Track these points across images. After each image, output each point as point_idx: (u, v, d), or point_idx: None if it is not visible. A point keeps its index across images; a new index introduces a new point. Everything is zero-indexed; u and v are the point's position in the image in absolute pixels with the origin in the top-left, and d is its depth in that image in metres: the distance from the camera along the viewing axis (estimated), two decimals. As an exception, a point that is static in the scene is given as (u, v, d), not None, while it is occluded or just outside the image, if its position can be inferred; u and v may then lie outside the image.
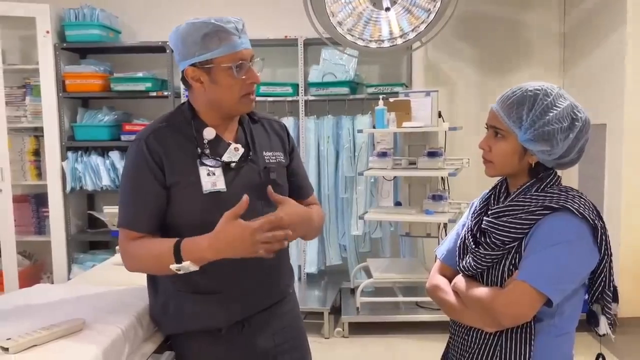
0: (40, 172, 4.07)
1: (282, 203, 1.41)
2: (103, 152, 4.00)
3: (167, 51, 3.81)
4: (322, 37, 2.74)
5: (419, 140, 3.63)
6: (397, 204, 3.70)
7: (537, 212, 1.25)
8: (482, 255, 1.31)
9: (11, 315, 1.37)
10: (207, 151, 1.43)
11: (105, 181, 3.91)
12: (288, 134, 1.63)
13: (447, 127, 3.37)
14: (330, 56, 3.84)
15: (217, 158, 1.43)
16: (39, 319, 1.31)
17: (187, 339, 1.47)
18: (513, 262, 1.28)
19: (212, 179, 1.40)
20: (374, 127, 3.51)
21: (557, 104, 1.26)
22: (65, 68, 3.88)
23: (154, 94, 3.87)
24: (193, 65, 1.39)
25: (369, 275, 3.59)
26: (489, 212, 1.35)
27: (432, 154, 3.37)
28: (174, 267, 1.30)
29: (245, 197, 1.30)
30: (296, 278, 3.93)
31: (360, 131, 3.57)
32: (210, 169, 1.41)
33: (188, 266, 1.30)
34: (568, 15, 3.88)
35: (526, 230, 1.26)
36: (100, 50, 4.07)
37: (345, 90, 3.82)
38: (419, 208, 3.47)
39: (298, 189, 1.60)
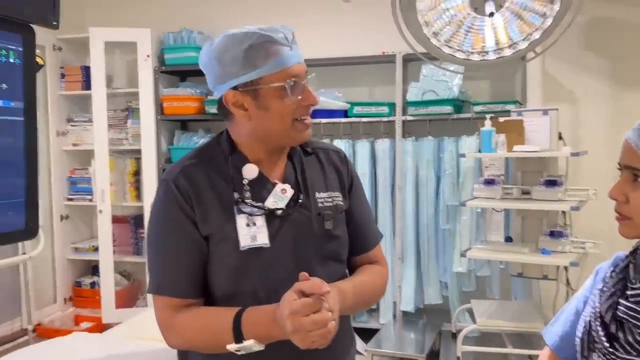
0: (139, 194, 4.12)
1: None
2: (198, 174, 3.96)
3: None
4: (415, 51, 2.41)
5: (534, 166, 3.13)
6: (508, 239, 3.22)
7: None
8: None
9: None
10: (248, 194, 1.14)
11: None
12: (348, 166, 1.31)
13: (569, 152, 2.86)
14: (432, 72, 3.49)
15: (260, 204, 1.14)
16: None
17: None
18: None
19: (251, 231, 1.11)
20: (479, 151, 3.09)
21: None
22: (163, 91, 3.91)
23: (247, 115, 3.76)
24: (234, 88, 1.11)
25: (474, 319, 3.14)
26: (627, 293, 0.93)
27: (551, 183, 2.87)
28: (231, 347, 1.02)
29: (304, 276, 1.02)
30: (390, 316, 3.61)
31: (462, 155, 3.16)
32: (251, 217, 1.12)
33: (251, 346, 1.02)
34: None
35: None
36: (198, 73, 4.04)
37: (448, 109, 3.44)
38: (534, 246, 2.97)
39: (359, 239, 1.27)
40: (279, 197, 1.16)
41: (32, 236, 1.99)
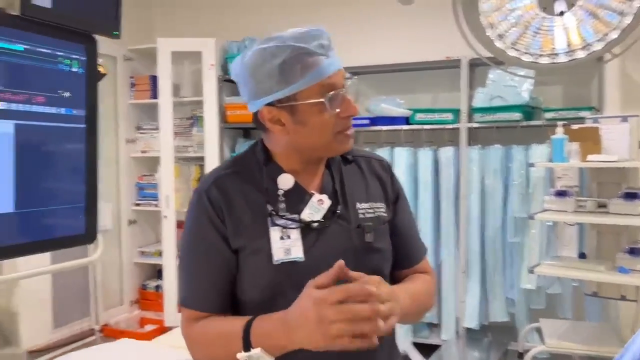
0: (202, 200, 4.19)
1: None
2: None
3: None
4: (479, 55, 2.29)
5: (612, 177, 2.89)
6: (582, 255, 2.99)
7: None
8: None
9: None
10: (282, 206, 1.08)
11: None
12: (392, 176, 1.22)
13: (652, 162, 2.63)
14: (500, 77, 3.32)
15: (294, 216, 1.08)
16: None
17: None
18: None
19: (285, 244, 1.05)
20: (550, 161, 2.90)
21: None
22: (227, 99, 3.97)
23: (307, 123, 3.74)
24: (270, 104, 1.06)
25: (543, 339, 2.94)
26: None
27: (630, 196, 2.64)
28: (241, 356, 0.96)
29: (340, 263, 0.93)
30: (453, 333, 3.45)
31: (532, 165, 2.97)
32: (285, 230, 1.07)
33: (258, 355, 0.96)
34: None
35: None
36: (261, 81, 4.10)
37: (517, 115, 3.26)
38: (611, 263, 2.73)
39: (405, 253, 1.19)
40: (316, 208, 1.09)
41: (90, 241, 2.04)
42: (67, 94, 1.89)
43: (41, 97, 1.81)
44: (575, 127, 2.84)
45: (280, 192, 1.10)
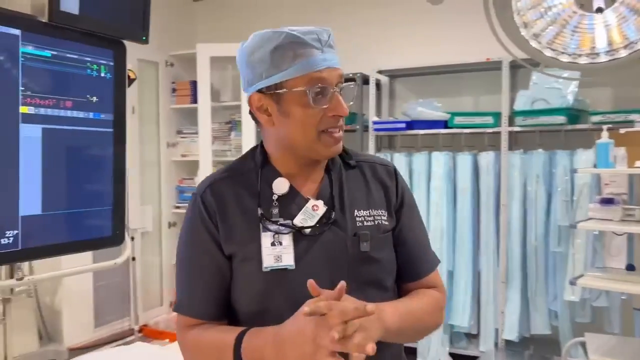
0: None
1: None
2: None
3: (357, 82, 3.62)
4: (514, 56, 2.18)
5: (664, 184, 2.72)
6: (630, 267, 2.81)
7: None
8: None
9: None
10: (275, 211, 1.05)
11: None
12: (398, 182, 1.15)
13: None
14: (543, 79, 3.18)
15: (287, 221, 1.04)
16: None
17: None
18: None
19: (276, 251, 1.02)
20: (595, 166, 2.74)
21: None
22: (264, 103, 3.98)
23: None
24: (260, 91, 1.04)
25: (587, 355, 2.78)
26: None
27: (683, 204, 2.47)
28: None
29: (343, 284, 0.91)
30: (492, 344, 3.32)
31: (575, 171, 2.83)
32: (277, 236, 1.03)
33: None
34: None
35: None
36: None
37: (561, 119, 3.11)
38: (661, 276, 2.57)
39: (411, 264, 1.12)
40: (309, 214, 1.05)
41: (118, 243, 2.07)
42: (95, 99, 1.93)
43: (69, 102, 1.85)
44: (622, 131, 2.68)
45: (275, 196, 1.07)
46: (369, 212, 1.08)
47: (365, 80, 3.67)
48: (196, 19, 4.60)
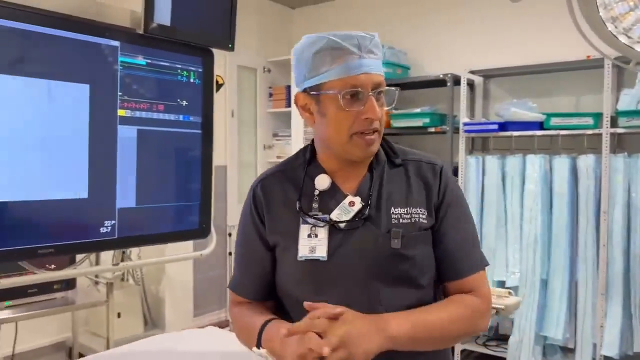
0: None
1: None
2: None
3: (448, 84, 3.57)
4: (603, 54, 2.05)
5: None
6: None
7: None
8: None
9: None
10: (316, 205, 1.12)
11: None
12: (442, 180, 1.15)
13: None
14: (651, 76, 2.94)
15: (325, 216, 1.10)
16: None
17: None
18: None
19: (312, 243, 1.09)
20: None
21: None
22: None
23: (432, 129, 3.67)
24: (304, 91, 1.12)
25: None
26: None
27: None
28: (255, 350, 1.07)
29: (343, 309, 0.97)
30: (588, 360, 3.11)
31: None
32: (314, 229, 1.10)
33: (264, 355, 1.04)
34: None
35: None
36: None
37: (671, 119, 2.86)
38: None
39: (450, 264, 1.11)
40: (346, 209, 1.10)
41: (204, 236, 2.23)
42: (184, 103, 2.10)
43: (161, 105, 2.03)
44: None
45: (317, 192, 1.13)
46: (407, 210, 1.10)
47: (457, 81, 3.60)
48: (293, 25, 4.78)
